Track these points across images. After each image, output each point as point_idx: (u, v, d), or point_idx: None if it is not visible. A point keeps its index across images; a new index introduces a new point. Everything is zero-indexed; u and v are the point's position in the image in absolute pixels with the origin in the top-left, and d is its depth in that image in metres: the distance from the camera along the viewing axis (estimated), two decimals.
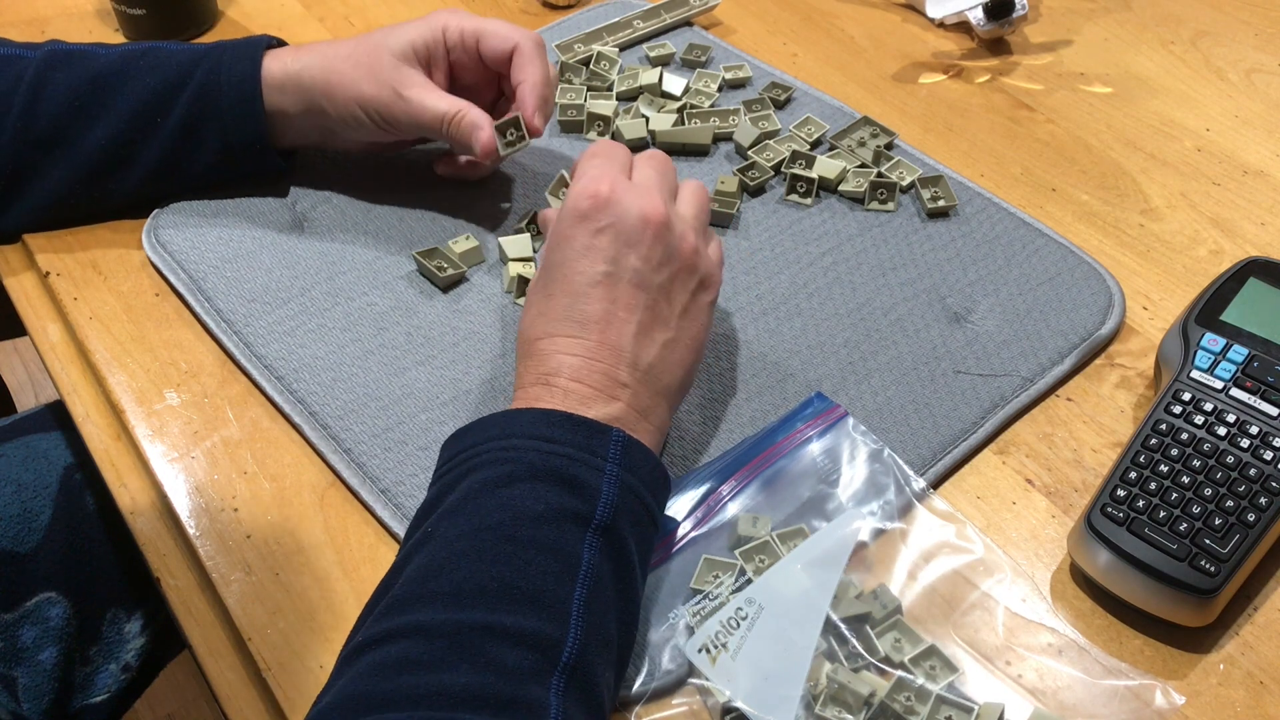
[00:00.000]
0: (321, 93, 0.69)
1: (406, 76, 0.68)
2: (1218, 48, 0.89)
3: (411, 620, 0.45)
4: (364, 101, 0.68)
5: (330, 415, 0.61)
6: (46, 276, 0.70)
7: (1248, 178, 0.78)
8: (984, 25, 0.87)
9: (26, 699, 0.67)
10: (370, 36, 0.69)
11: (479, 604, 0.45)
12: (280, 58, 0.69)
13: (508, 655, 0.43)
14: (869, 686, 0.49)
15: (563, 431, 0.51)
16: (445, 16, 0.69)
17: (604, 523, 0.49)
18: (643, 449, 0.52)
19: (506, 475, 0.49)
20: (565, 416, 0.51)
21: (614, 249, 0.55)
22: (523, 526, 0.47)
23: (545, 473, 0.49)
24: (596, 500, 0.49)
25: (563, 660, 0.44)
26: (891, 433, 0.61)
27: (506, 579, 0.46)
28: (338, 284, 0.68)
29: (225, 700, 0.53)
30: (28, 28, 0.90)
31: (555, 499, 0.48)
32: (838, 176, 0.75)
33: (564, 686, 0.44)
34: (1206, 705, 0.51)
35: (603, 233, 0.55)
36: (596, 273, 0.54)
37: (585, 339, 0.54)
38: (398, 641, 0.44)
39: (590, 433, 0.51)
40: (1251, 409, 0.57)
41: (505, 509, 0.48)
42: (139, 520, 0.60)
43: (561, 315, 0.55)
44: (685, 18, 0.90)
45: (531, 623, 0.45)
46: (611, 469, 0.50)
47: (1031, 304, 0.68)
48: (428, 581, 0.46)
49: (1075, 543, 0.55)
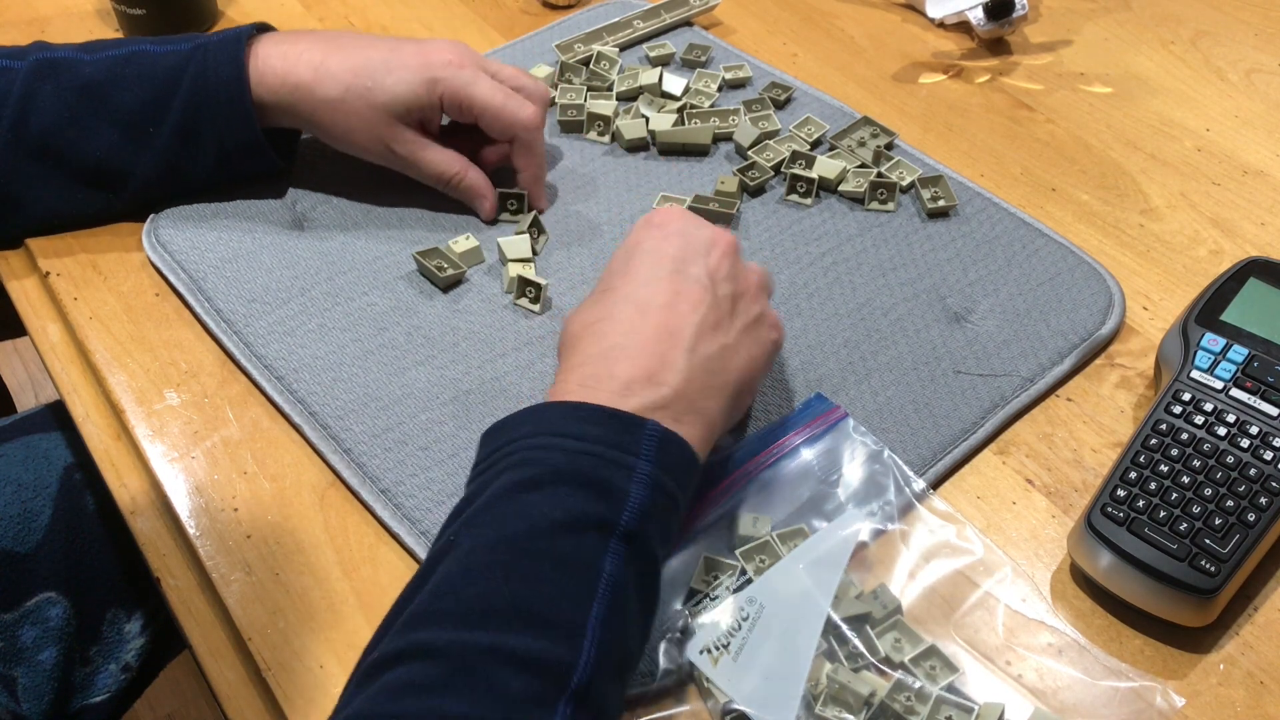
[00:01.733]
0: (311, 125, 0.69)
1: (398, 133, 0.68)
2: (1218, 48, 0.89)
3: (421, 640, 0.44)
4: (356, 148, 0.69)
5: (330, 415, 0.61)
6: (46, 276, 0.70)
7: (1248, 178, 0.78)
8: (984, 25, 0.87)
9: (26, 699, 0.67)
10: (357, 78, 0.67)
11: (488, 624, 0.43)
12: (270, 63, 0.67)
13: (513, 681, 0.42)
14: (869, 686, 0.49)
15: (594, 427, 0.49)
16: (437, 71, 0.67)
17: (630, 528, 0.47)
18: (679, 443, 0.50)
19: (531, 479, 0.48)
20: (598, 410, 0.50)
21: (683, 253, 0.55)
22: (540, 538, 0.46)
23: (571, 475, 0.47)
24: (624, 504, 0.47)
25: (573, 685, 0.43)
26: (891, 433, 0.61)
27: (519, 597, 0.44)
28: (338, 284, 0.68)
29: (225, 700, 0.53)
30: (28, 28, 0.90)
31: (579, 505, 0.47)
32: (838, 176, 0.75)
33: (572, 713, 0.42)
34: (1206, 705, 0.51)
35: (672, 238, 0.56)
36: (663, 269, 0.55)
37: (645, 319, 0.53)
38: (408, 662, 0.43)
39: (624, 427, 0.49)
40: (1251, 409, 0.57)
41: (524, 518, 0.46)
42: (139, 520, 0.60)
43: (623, 299, 0.54)
44: (685, 18, 0.90)
45: (541, 645, 0.43)
46: (643, 467, 0.48)
47: (1031, 304, 0.68)
48: (440, 598, 0.45)
49: (1075, 543, 0.55)
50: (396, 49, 0.68)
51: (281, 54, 0.68)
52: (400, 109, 0.67)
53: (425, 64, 0.67)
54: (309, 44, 0.68)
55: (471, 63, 0.69)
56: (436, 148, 0.69)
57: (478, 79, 0.68)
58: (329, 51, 0.68)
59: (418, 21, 0.92)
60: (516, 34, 0.90)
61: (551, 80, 0.83)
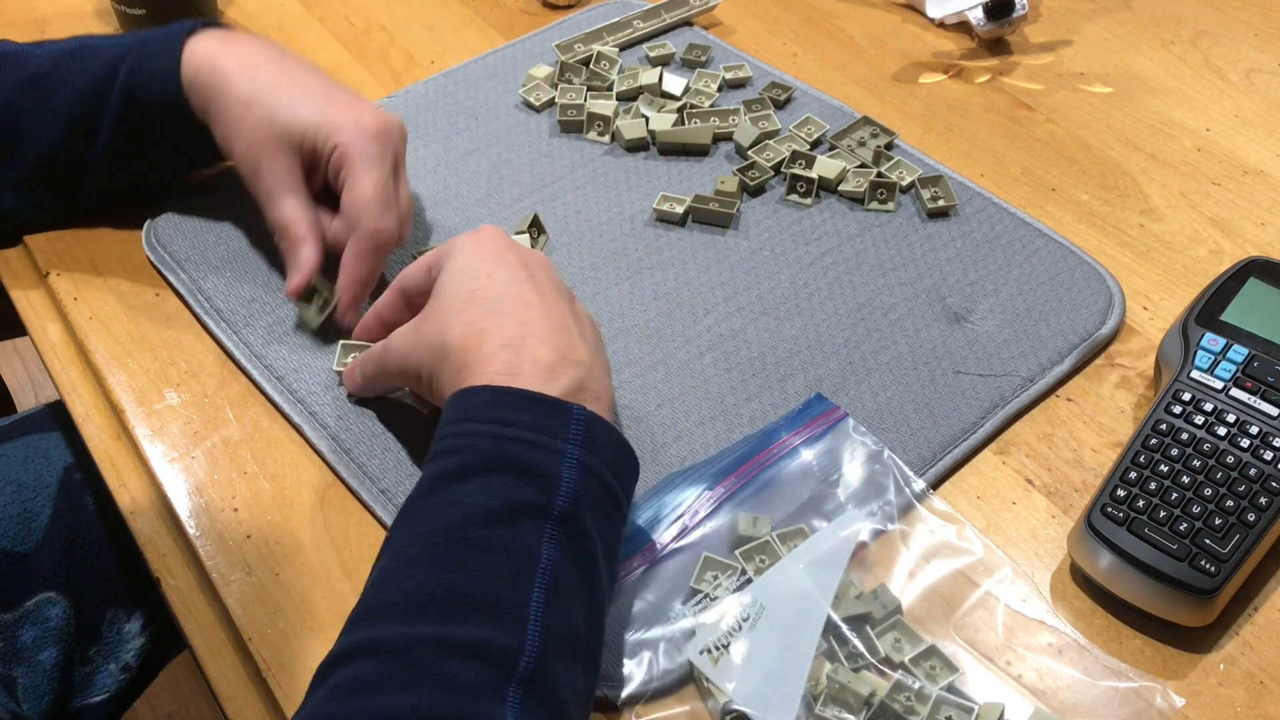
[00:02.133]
0: (212, 117, 0.64)
1: (275, 159, 0.63)
2: (1218, 48, 0.89)
3: (365, 637, 0.43)
4: (231, 155, 0.65)
5: (330, 415, 0.61)
6: (46, 276, 0.70)
7: (1248, 178, 0.78)
8: (984, 25, 0.87)
9: (26, 699, 0.67)
10: (276, 91, 0.63)
11: (430, 616, 0.43)
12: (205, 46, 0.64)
13: (461, 670, 0.42)
14: (869, 686, 0.49)
15: (520, 412, 0.48)
16: (348, 131, 0.62)
17: (564, 512, 0.47)
18: (606, 427, 0.50)
19: (460, 467, 0.47)
20: (522, 395, 0.49)
21: (518, 255, 0.56)
22: (475, 526, 0.46)
23: (500, 462, 0.47)
24: (556, 488, 0.47)
25: (520, 669, 0.42)
26: (891, 433, 0.61)
27: (459, 586, 0.44)
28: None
29: (225, 700, 0.53)
30: (28, 27, 0.90)
31: (510, 492, 0.46)
32: (838, 176, 0.75)
33: (522, 697, 0.42)
34: (1206, 705, 0.51)
35: (503, 247, 0.56)
36: (517, 270, 0.55)
37: (532, 311, 0.53)
38: (354, 661, 0.43)
39: (550, 411, 0.49)
40: (1251, 409, 0.57)
41: (457, 507, 0.46)
42: (139, 520, 0.60)
43: (499, 298, 0.53)
44: (685, 18, 0.90)
45: (485, 632, 0.43)
46: (573, 451, 0.48)
47: (1031, 304, 0.68)
48: (380, 592, 0.45)
49: (1075, 543, 0.55)
50: (334, 93, 0.64)
51: (219, 40, 0.65)
52: (293, 137, 0.62)
53: (345, 118, 0.63)
54: (254, 46, 0.65)
55: (388, 148, 0.63)
56: (299, 199, 0.63)
57: (376, 164, 0.62)
58: (268, 60, 0.65)
59: (418, 21, 0.92)
60: (516, 34, 0.90)
61: (552, 80, 0.83)
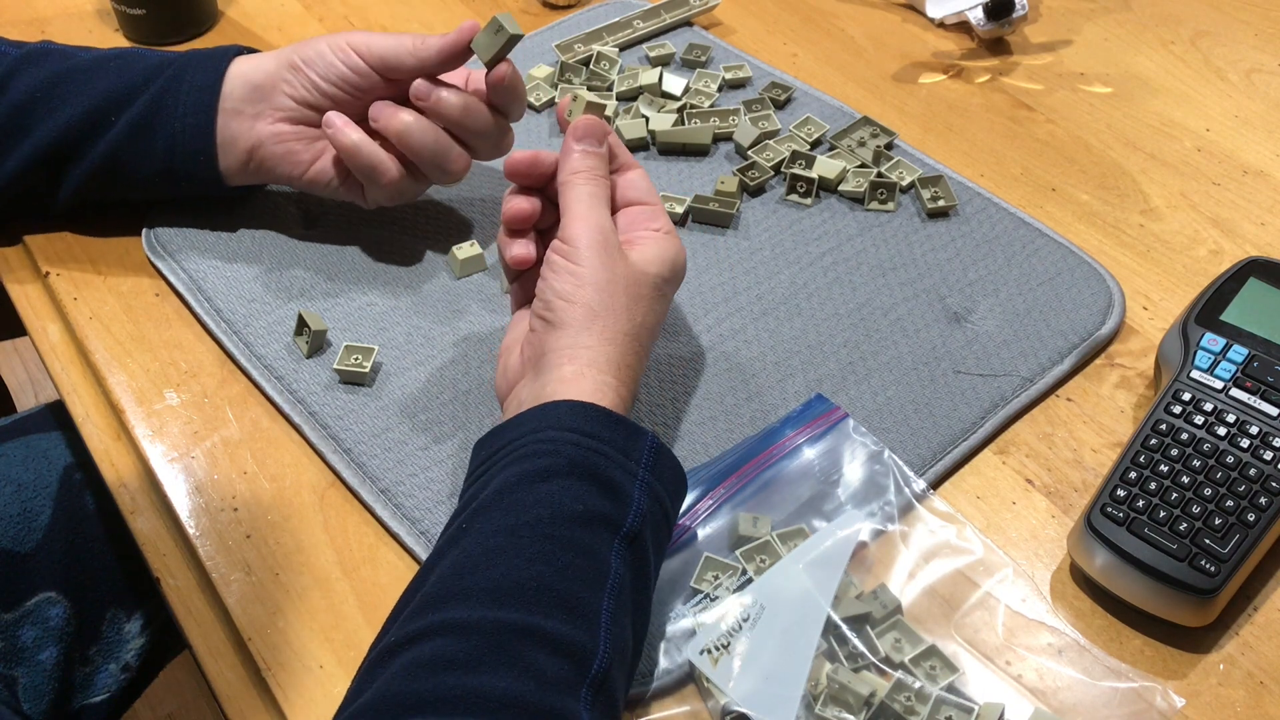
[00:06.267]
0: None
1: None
2: (1218, 48, 0.89)
3: (448, 617, 0.44)
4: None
5: (330, 415, 0.61)
6: (46, 276, 0.70)
7: (1248, 178, 0.78)
8: (984, 25, 0.87)
9: (26, 699, 0.67)
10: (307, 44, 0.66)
11: (517, 603, 0.44)
12: (242, 67, 0.66)
13: (546, 662, 0.42)
14: (869, 686, 0.49)
15: (602, 428, 0.50)
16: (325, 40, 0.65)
17: (632, 530, 0.48)
18: (670, 456, 0.52)
19: (545, 469, 0.48)
20: (604, 413, 0.50)
21: None
22: (560, 524, 0.46)
23: (584, 470, 0.48)
24: (628, 507, 0.48)
25: (592, 672, 0.43)
26: (891, 433, 0.61)
27: (545, 579, 0.44)
28: (337, 284, 0.68)
29: (225, 700, 0.53)
30: (28, 27, 0.90)
31: (593, 500, 0.47)
32: (838, 176, 0.75)
33: (592, 699, 0.43)
34: (1206, 705, 0.51)
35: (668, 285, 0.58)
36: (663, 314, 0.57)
37: (646, 351, 0.55)
38: (434, 639, 0.43)
39: (627, 433, 0.50)
40: (1251, 409, 0.57)
41: (544, 504, 0.47)
42: (139, 520, 0.60)
43: (654, 325, 0.56)
44: (685, 18, 0.90)
45: (567, 629, 0.43)
46: (644, 475, 0.49)
47: (1031, 304, 0.68)
48: (464, 577, 0.45)
49: (1075, 543, 0.55)
50: None
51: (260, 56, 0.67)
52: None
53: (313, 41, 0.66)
54: None
55: None
56: None
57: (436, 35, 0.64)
58: None
59: (418, 21, 0.92)
60: None
61: (552, 80, 0.83)
